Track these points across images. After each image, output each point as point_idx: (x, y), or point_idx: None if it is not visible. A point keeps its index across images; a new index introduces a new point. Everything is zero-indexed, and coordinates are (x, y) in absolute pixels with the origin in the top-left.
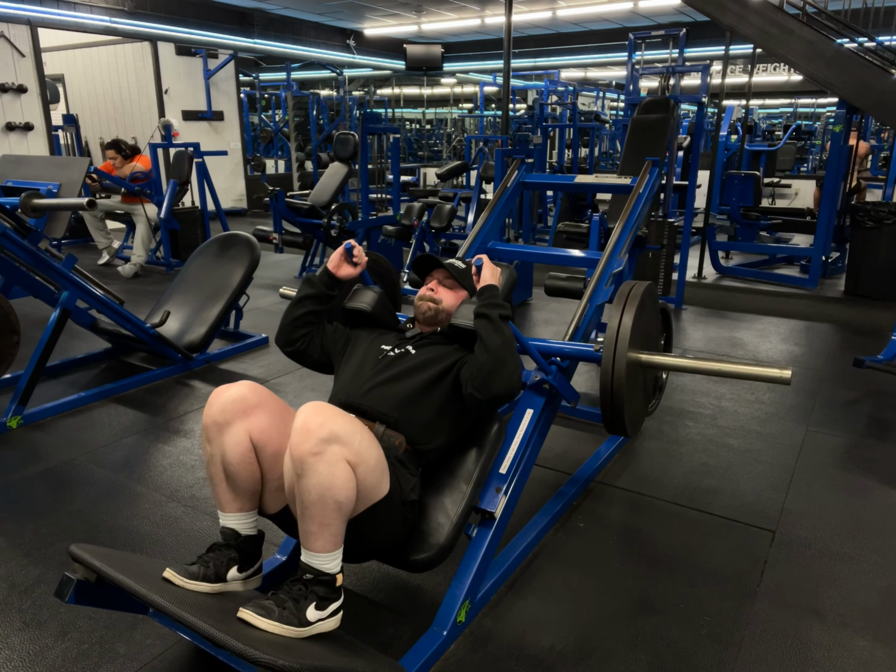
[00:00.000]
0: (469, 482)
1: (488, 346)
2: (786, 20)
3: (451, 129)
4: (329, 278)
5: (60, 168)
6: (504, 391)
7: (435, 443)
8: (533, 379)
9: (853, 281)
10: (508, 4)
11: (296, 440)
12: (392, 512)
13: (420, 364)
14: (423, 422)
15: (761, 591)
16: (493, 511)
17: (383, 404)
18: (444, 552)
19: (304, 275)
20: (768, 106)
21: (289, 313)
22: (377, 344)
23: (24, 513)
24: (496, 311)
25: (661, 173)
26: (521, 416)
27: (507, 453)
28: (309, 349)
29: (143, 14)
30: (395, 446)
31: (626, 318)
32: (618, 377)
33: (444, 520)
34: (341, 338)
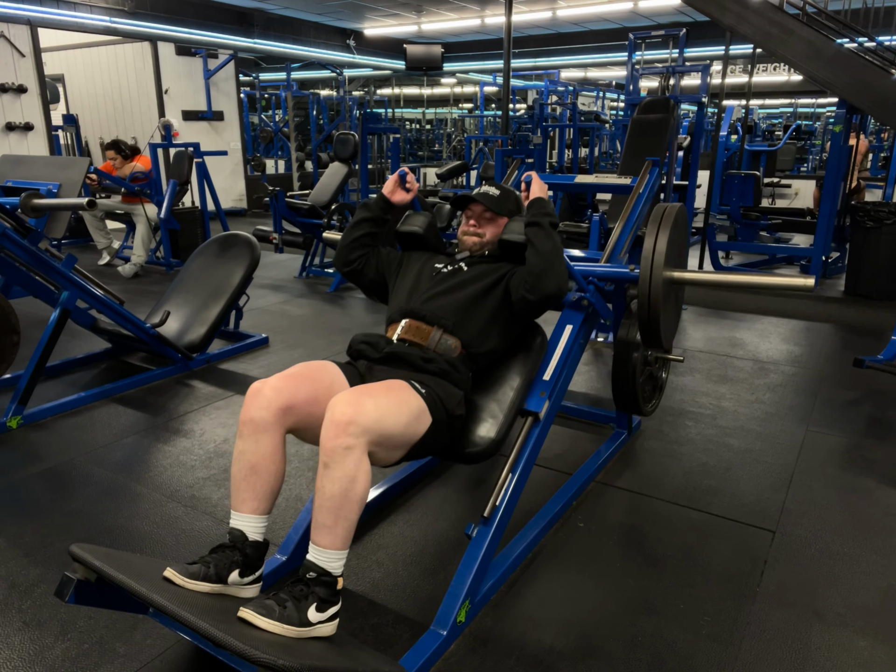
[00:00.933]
0: (517, 385)
1: (539, 249)
2: (786, 20)
3: (451, 129)
4: (384, 203)
5: (60, 168)
6: (554, 291)
7: (486, 347)
8: (572, 298)
9: (853, 281)
10: (508, 4)
11: (327, 435)
12: (438, 431)
13: (473, 277)
14: (476, 327)
15: (761, 591)
16: (539, 412)
17: (441, 310)
18: (496, 445)
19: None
20: (768, 106)
21: (347, 235)
22: (430, 263)
23: (24, 513)
24: (546, 219)
25: (661, 173)
26: (562, 331)
27: (549, 362)
28: (365, 269)
29: (143, 14)
30: (452, 349)
31: (661, 238)
32: (654, 293)
33: (495, 417)
34: (395, 259)
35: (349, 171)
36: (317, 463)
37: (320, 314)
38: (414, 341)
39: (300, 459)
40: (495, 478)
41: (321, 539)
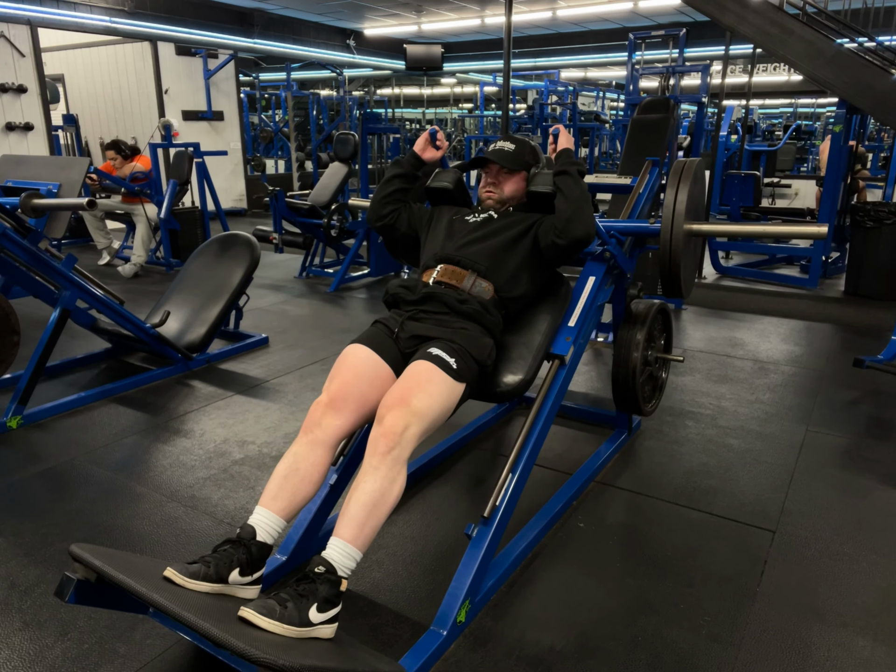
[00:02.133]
0: (543, 330)
1: (568, 196)
2: (786, 20)
3: (451, 129)
4: (416, 159)
5: (60, 168)
6: (583, 234)
7: (517, 292)
8: (595, 250)
9: (853, 281)
10: (508, 4)
11: (377, 444)
12: (471, 386)
13: (504, 226)
14: (508, 272)
15: (761, 591)
16: (565, 356)
17: (476, 255)
18: (525, 384)
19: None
20: (768, 106)
21: (380, 191)
22: (461, 215)
23: (24, 513)
24: (574, 168)
25: (661, 173)
26: (585, 282)
27: (574, 309)
28: (397, 223)
29: (143, 14)
30: (485, 291)
31: (682, 192)
32: (675, 245)
33: (524, 359)
34: (425, 214)
35: (349, 171)
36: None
37: (320, 314)
38: (450, 283)
39: None
40: (495, 478)
41: (347, 532)
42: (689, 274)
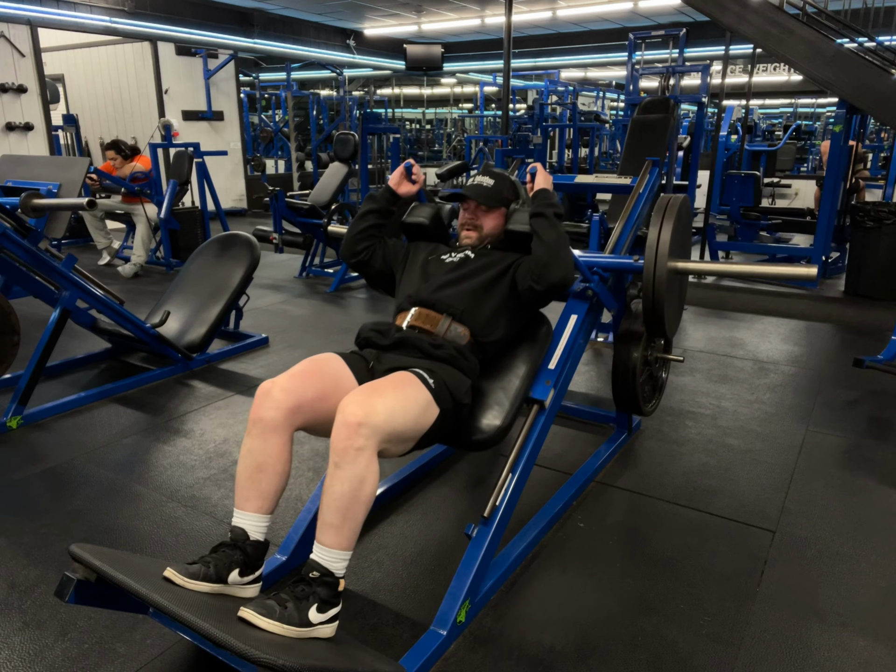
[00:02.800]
0: (523, 373)
1: (545, 240)
2: (786, 20)
3: (451, 129)
4: (390, 194)
5: (60, 168)
6: (560, 280)
7: (494, 336)
8: (577, 288)
9: (853, 281)
10: (508, 4)
11: (338, 436)
12: (445, 420)
13: (480, 267)
14: (485, 316)
15: (761, 591)
16: (544, 400)
17: (451, 299)
18: (502, 432)
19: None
20: (768, 106)
21: (353, 227)
22: (437, 253)
23: (24, 513)
24: (551, 210)
25: (661, 173)
26: (567, 321)
27: (555, 351)
28: (372, 260)
29: (143, 14)
30: (461, 336)
31: (665, 229)
32: (659, 283)
33: (501, 405)
34: (401, 250)
35: (349, 171)
36: (317, 463)
37: (320, 314)
38: (423, 328)
39: (300, 459)
40: (495, 478)
41: (327, 539)
42: (673, 312)
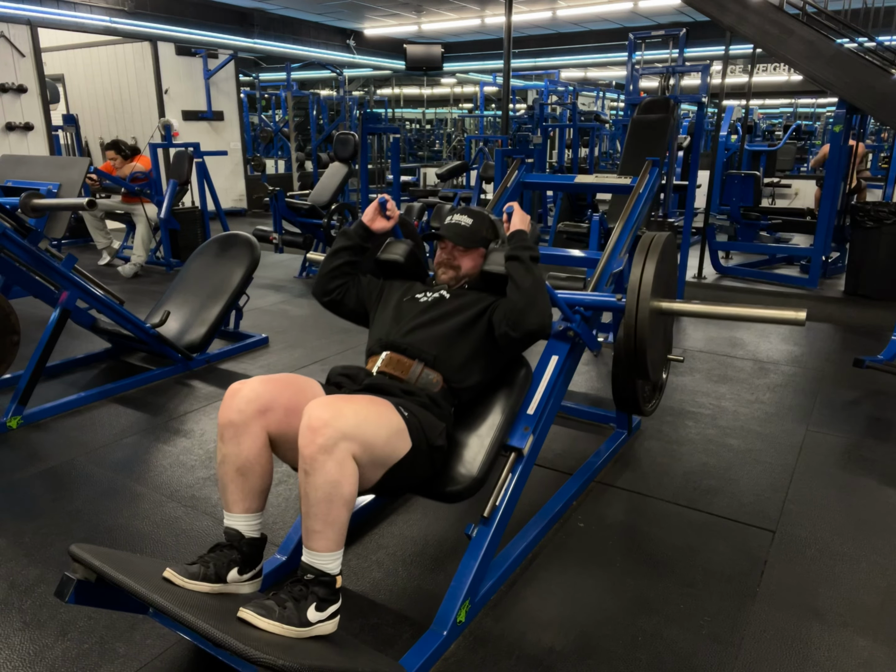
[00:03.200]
0: (500, 420)
1: (520, 285)
2: (786, 20)
3: (451, 129)
4: (364, 231)
5: (60, 168)
6: (536, 328)
7: (469, 382)
8: (557, 328)
9: (853, 281)
10: (508, 4)
11: (304, 440)
12: (419, 460)
13: (455, 308)
14: (458, 361)
15: (761, 591)
16: (522, 448)
17: (423, 343)
18: (477, 483)
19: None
20: (768, 106)
21: (326, 265)
22: (412, 292)
23: (24, 513)
24: (526, 253)
25: (661, 173)
26: (547, 363)
27: (534, 396)
28: (345, 298)
29: (143, 14)
30: (433, 383)
31: (648, 267)
32: (641, 323)
33: (477, 454)
34: (375, 288)
35: (349, 171)
36: None
37: (320, 314)
38: (394, 375)
39: None
40: (495, 478)
41: (313, 543)
42: (657, 354)
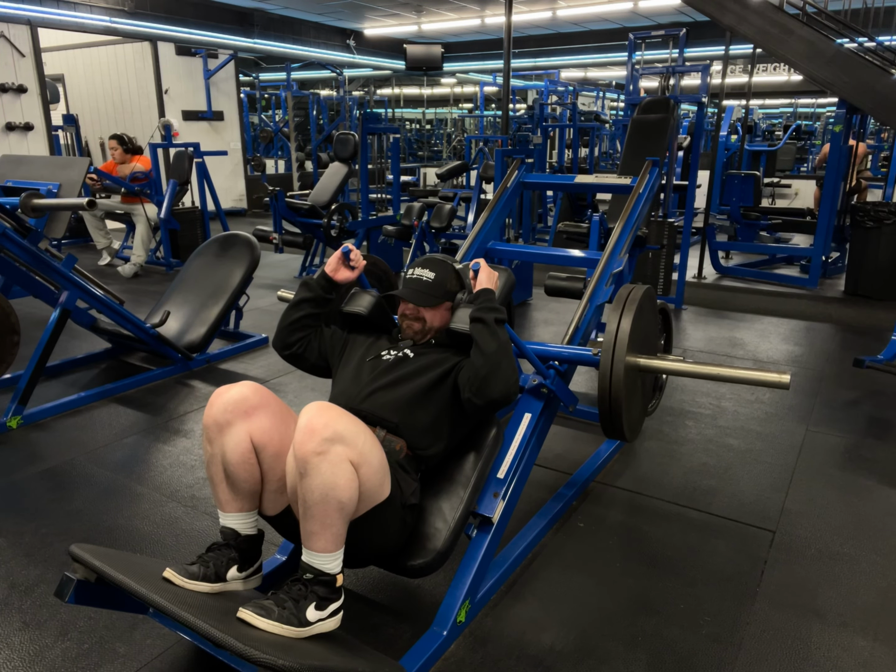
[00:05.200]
0: (467, 487)
1: (484, 350)
2: (786, 20)
3: (451, 129)
4: (326, 282)
5: (60, 168)
6: (501, 396)
7: (435, 448)
8: (531, 383)
9: (853, 281)
10: (508, 4)
11: (300, 439)
12: (393, 515)
13: (419, 369)
14: (423, 426)
15: (761, 591)
16: (491, 516)
17: (384, 409)
18: (441, 557)
19: (303, 276)
20: (768, 106)
21: (286, 317)
22: (375, 349)
23: (24, 513)
24: (491, 315)
25: (661, 173)
26: (519, 421)
27: (504, 458)
28: (306, 353)
29: (143, 14)
30: (396, 451)
31: (625, 322)
32: (616, 382)
33: (442, 525)
34: (339, 342)
35: (349, 171)
36: None
37: None
38: None
39: None
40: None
41: (311, 544)
42: (634, 413)
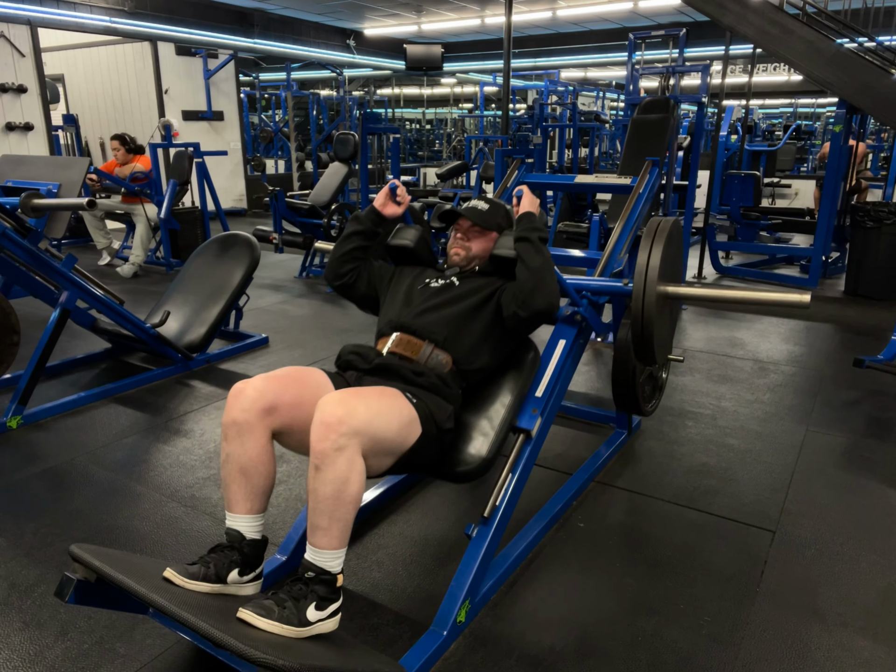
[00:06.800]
0: (508, 402)
1: (529, 265)
2: (786, 20)
3: (451, 129)
4: (375, 216)
5: (60, 168)
6: (545, 307)
7: (477, 364)
8: (565, 313)
9: (853, 281)
10: (508, 4)
11: (316, 435)
12: (428, 445)
13: (464, 292)
14: (467, 342)
15: (761, 591)
16: (531, 430)
17: (433, 325)
18: (486, 464)
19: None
20: (768, 106)
21: (338, 249)
22: (422, 277)
23: (24, 513)
24: (535, 234)
25: (661, 173)
26: (555, 346)
27: (542, 378)
28: (357, 282)
29: (143, 14)
30: (443, 364)
31: (655, 252)
32: (648, 308)
33: (486, 435)
34: (387, 273)
35: (349, 171)
36: None
37: (320, 314)
38: (404, 355)
39: (300, 459)
40: (495, 478)
41: (317, 540)
42: (663, 338)
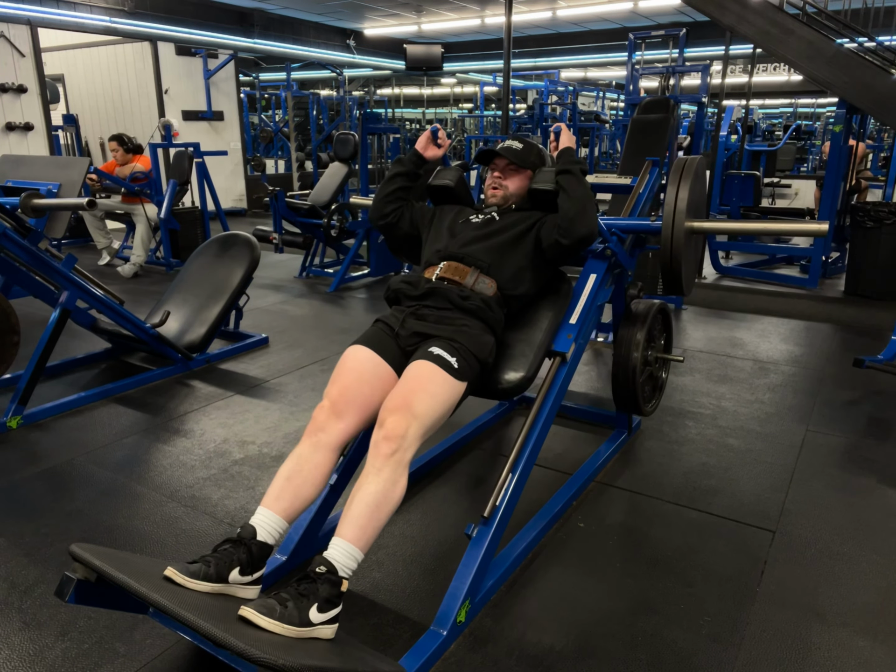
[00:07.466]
0: (545, 327)
1: (572, 194)
2: (786, 20)
3: (451, 129)
4: (417, 157)
5: (60, 168)
6: (587, 233)
7: (520, 290)
8: (596, 248)
9: (853, 281)
10: (508, 4)
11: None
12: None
13: (506, 225)
14: (511, 270)
15: (761, 591)
16: (566, 353)
17: (478, 252)
18: (527, 381)
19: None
20: (768, 106)
21: (382, 190)
22: (464, 214)
23: (24, 513)
24: (577, 167)
25: (661, 173)
26: (587, 279)
27: (576, 307)
28: (400, 221)
29: (143, 14)
30: (488, 288)
31: (683, 190)
32: (676, 243)
33: (526, 356)
34: (428, 212)
35: (349, 171)
36: None
37: (320, 314)
38: (453, 279)
39: None
40: (495, 478)
41: (348, 532)
42: (690, 271)
